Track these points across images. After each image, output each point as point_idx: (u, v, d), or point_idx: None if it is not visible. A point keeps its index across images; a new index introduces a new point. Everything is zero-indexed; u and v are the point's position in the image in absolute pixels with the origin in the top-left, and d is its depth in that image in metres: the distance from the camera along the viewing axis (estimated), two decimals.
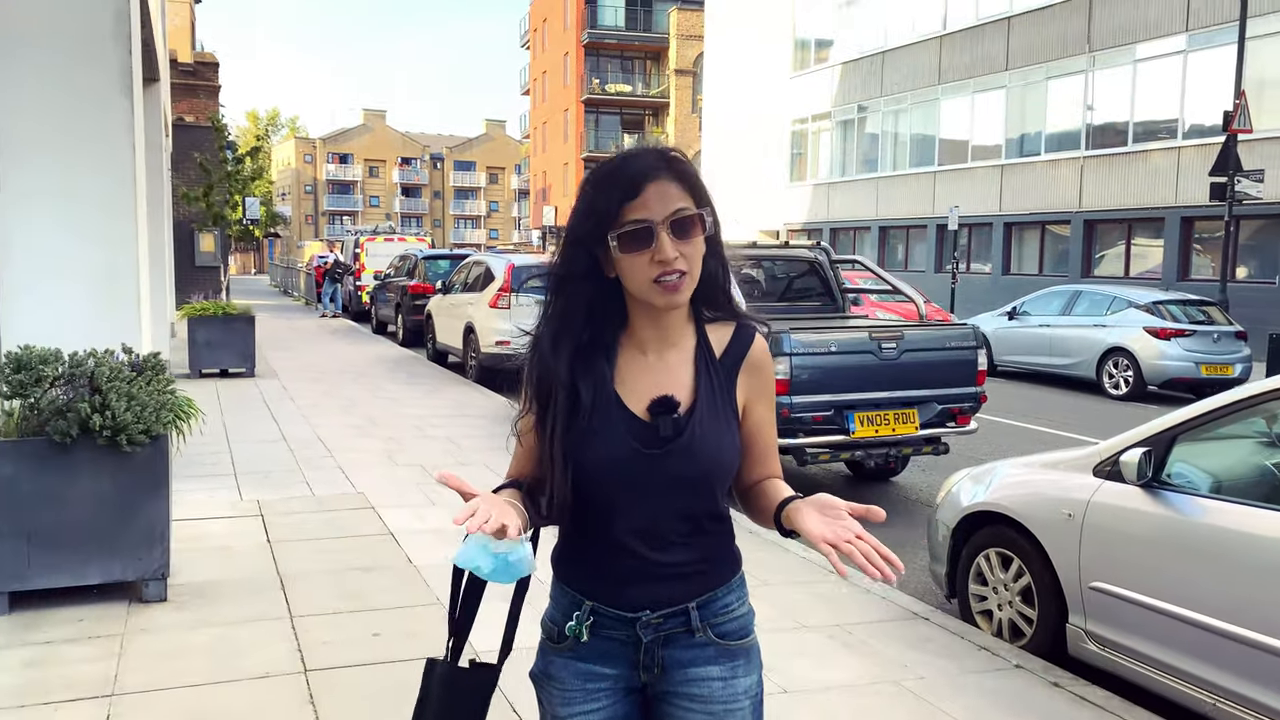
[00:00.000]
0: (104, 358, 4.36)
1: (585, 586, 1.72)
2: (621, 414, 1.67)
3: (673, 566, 1.69)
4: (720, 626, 1.73)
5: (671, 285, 1.61)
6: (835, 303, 8.70)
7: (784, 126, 32.62)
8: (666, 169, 1.63)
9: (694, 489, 1.68)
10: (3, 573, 4.22)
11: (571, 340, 1.68)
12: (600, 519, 1.68)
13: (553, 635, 1.75)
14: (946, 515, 4.88)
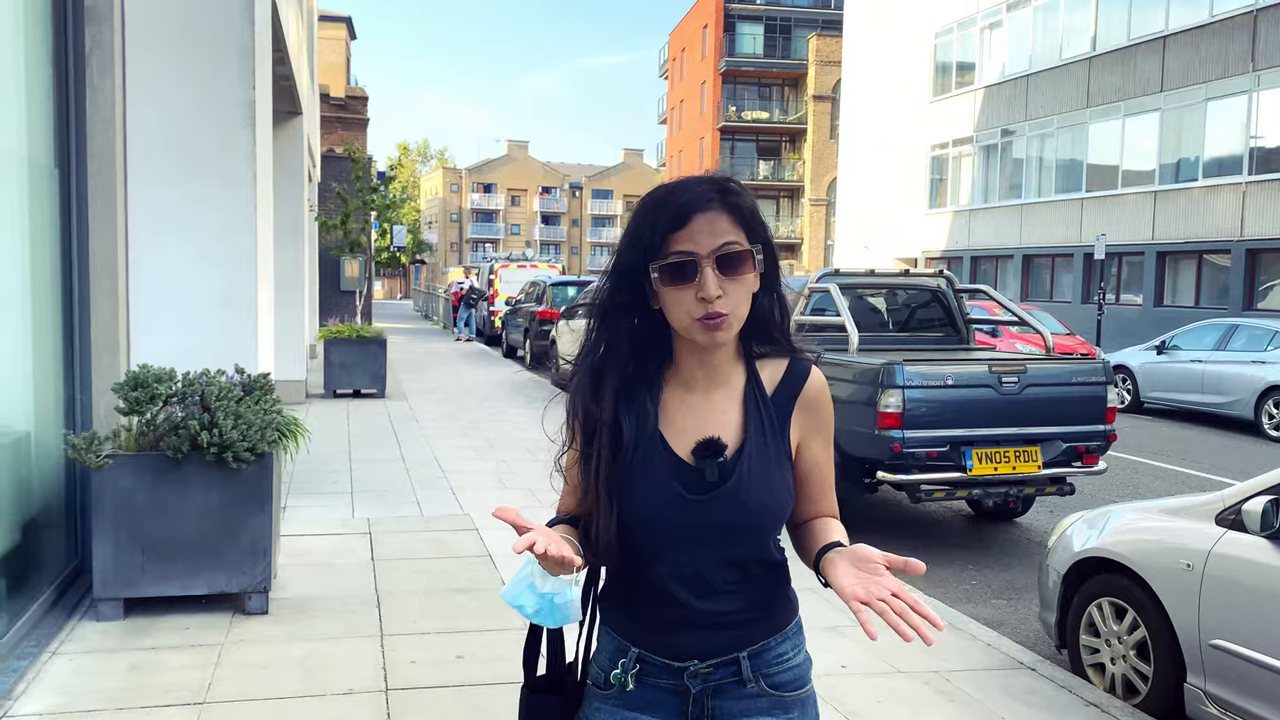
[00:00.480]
0: (214, 377, 4.57)
1: (631, 633, 1.64)
2: (665, 456, 1.59)
3: (721, 615, 1.60)
4: (774, 677, 1.64)
5: (714, 325, 1.53)
6: (959, 334, 8.40)
7: (923, 152, 31.90)
8: (719, 200, 1.55)
9: (742, 536, 1.59)
10: (119, 580, 4.44)
11: (616, 374, 1.62)
12: (644, 564, 1.60)
13: (599, 681, 1.67)
14: (1057, 560, 4.61)
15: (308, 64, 13.13)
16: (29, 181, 4.52)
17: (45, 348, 4.75)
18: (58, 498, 4.78)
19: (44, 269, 4.68)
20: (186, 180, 5.17)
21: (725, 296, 1.52)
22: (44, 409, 4.74)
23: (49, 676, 3.86)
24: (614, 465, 1.58)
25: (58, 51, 4.72)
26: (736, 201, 1.57)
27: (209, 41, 5.16)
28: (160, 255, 5.17)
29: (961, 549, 7.04)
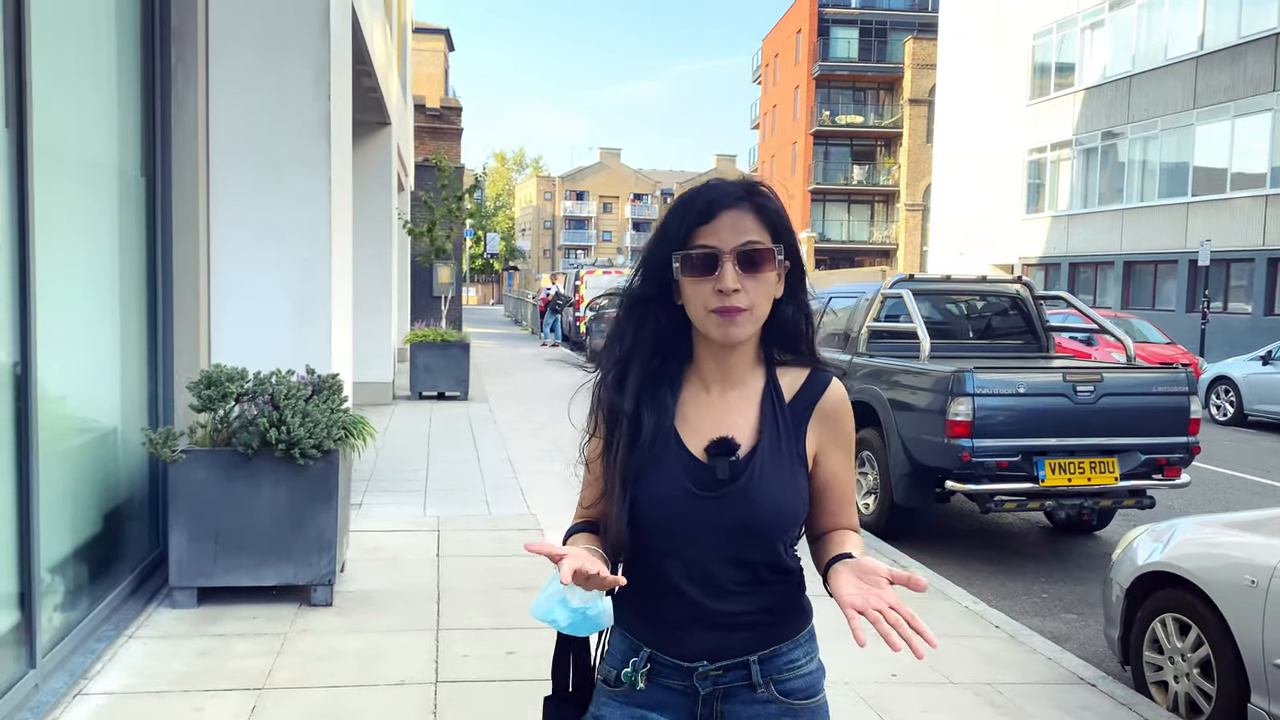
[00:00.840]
0: (284, 377, 4.76)
1: (642, 632, 1.65)
2: (678, 452, 1.60)
3: (730, 616, 1.60)
4: (785, 684, 1.64)
5: (729, 317, 1.54)
6: (1038, 342, 8.21)
7: (1020, 156, 31.13)
8: (747, 199, 1.58)
9: (749, 537, 1.59)
10: (193, 570, 4.66)
11: (640, 367, 1.64)
12: (656, 560, 1.61)
13: (609, 679, 1.68)
14: (1121, 574, 4.48)
15: (398, 76, 13.50)
16: (118, 190, 4.79)
17: (132, 347, 5.01)
18: (141, 490, 5.04)
19: (131, 273, 4.94)
20: (265, 189, 5.40)
21: (744, 292, 1.54)
22: (130, 406, 5.00)
23: (124, 658, 4.08)
24: (631, 456, 1.60)
25: (146, 67, 4.99)
26: (763, 203, 1.59)
27: (286, 56, 5.37)
28: (240, 260, 5.41)
29: (1035, 561, 6.88)
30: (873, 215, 53.69)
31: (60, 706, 3.60)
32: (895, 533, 7.01)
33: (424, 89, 37.79)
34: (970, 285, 8.39)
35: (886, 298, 7.80)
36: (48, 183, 3.85)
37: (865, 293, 8.15)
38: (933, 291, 8.31)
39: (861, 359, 7.64)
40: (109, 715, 3.57)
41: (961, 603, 5.42)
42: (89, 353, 4.54)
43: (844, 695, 4.07)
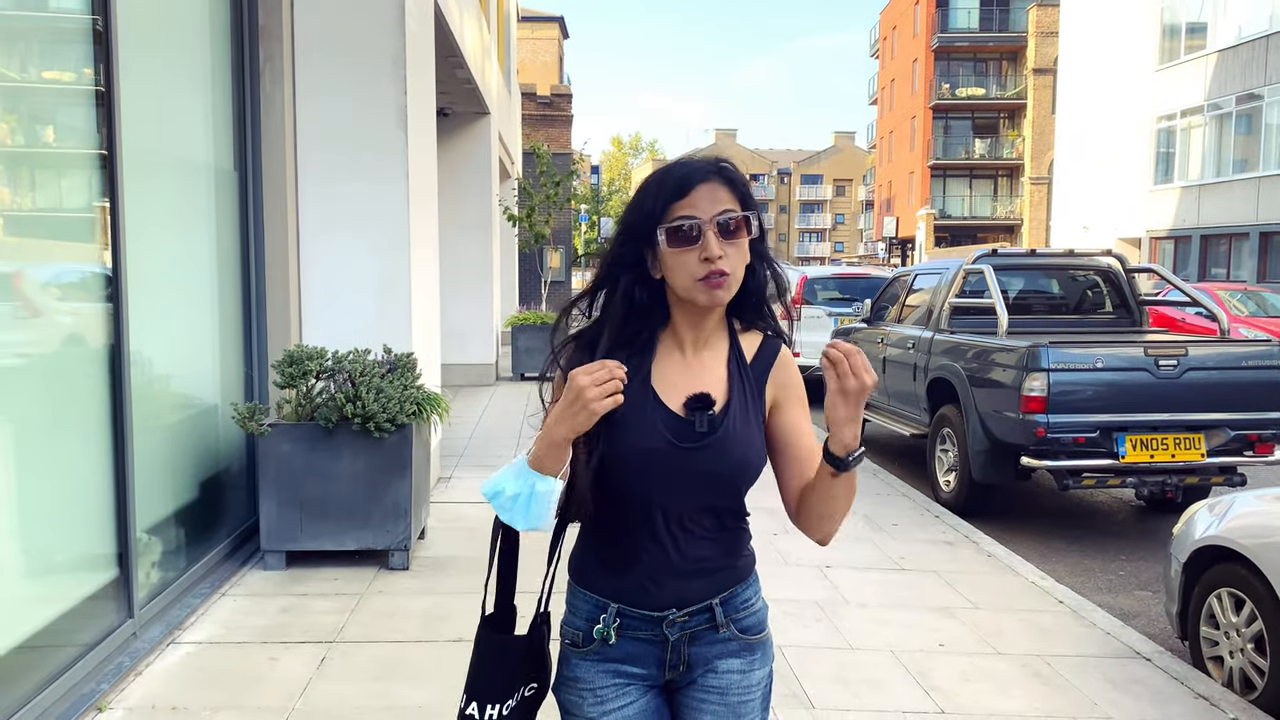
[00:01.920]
0: (360, 355, 5.08)
1: (611, 588, 1.74)
2: (658, 408, 1.70)
3: (697, 562, 1.73)
4: (741, 621, 1.78)
5: (715, 283, 1.64)
6: (1131, 316, 7.99)
7: (1147, 124, 29.73)
8: (717, 173, 1.68)
9: (722, 485, 1.71)
10: (282, 535, 5.04)
11: (611, 335, 1.73)
12: (628, 514, 1.71)
13: (577, 641, 1.77)
14: (1179, 549, 4.42)
15: (498, 66, 13.85)
16: (214, 185, 5.18)
17: (229, 330, 5.42)
18: (239, 462, 5.45)
19: (227, 262, 5.34)
20: (348, 178, 5.74)
21: (726, 258, 1.64)
22: (228, 384, 5.42)
23: (214, 612, 4.46)
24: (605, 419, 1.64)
25: (236, 66, 5.36)
26: (731, 175, 1.70)
27: (365, 51, 5.69)
28: (326, 246, 5.77)
29: (1118, 539, 6.74)
30: (996, 190, 52.04)
31: (155, 653, 3.98)
32: (975, 510, 6.97)
33: (536, 77, 38.39)
34: (1057, 260, 8.20)
35: (969, 274, 7.72)
36: (145, 181, 4.23)
37: (948, 269, 8.08)
38: (1018, 267, 8.17)
39: (942, 335, 7.59)
40: (194, 661, 3.94)
41: (1029, 578, 5.40)
42: (186, 336, 4.95)
43: (886, 661, 4.16)
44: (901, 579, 5.32)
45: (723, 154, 1.77)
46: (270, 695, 3.66)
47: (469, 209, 12.34)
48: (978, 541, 6.09)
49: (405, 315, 5.89)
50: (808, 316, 12.07)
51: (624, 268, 1.73)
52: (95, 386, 3.87)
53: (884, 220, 57.14)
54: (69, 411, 3.74)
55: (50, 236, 3.82)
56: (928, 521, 6.57)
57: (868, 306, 9.61)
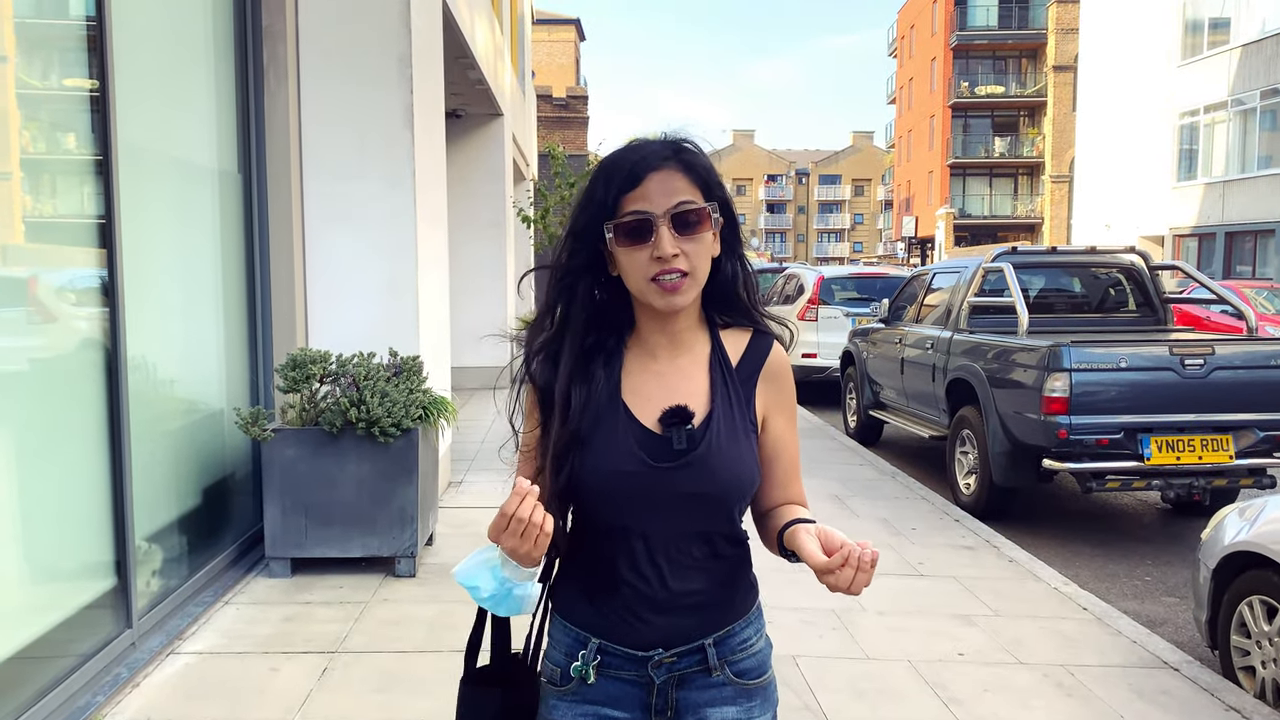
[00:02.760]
0: (365, 359, 4.99)
1: (591, 622, 1.56)
2: (629, 425, 1.52)
3: (687, 596, 1.54)
4: (738, 664, 1.58)
5: (670, 285, 1.47)
6: (1155, 314, 7.81)
7: (1170, 120, 29.39)
8: (674, 158, 1.50)
9: (710, 507, 1.53)
10: (286, 541, 4.95)
11: (574, 343, 1.55)
12: (607, 543, 1.54)
13: (554, 678, 1.59)
14: (1208, 554, 4.26)
15: (512, 68, 13.78)
16: (217, 187, 5.11)
17: (234, 334, 5.35)
18: (244, 469, 5.37)
19: (231, 264, 5.27)
20: (353, 178, 5.66)
21: (683, 256, 1.47)
22: (233, 389, 5.34)
23: (216, 621, 4.38)
24: (567, 440, 1.51)
25: (239, 67, 5.29)
26: (691, 160, 1.51)
27: (370, 51, 5.60)
28: (332, 248, 5.69)
29: (1144, 543, 6.57)
30: (1016, 188, 51.66)
31: (154, 663, 3.90)
32: (995, 513, 6.82)
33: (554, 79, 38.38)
34: (1078, 257, 8.04)
35: (988, 272, 7.57)
36: (143, 184, 4.16)
37: (967, 268, 7.93)
38: (1039, 265, 8.02)
39: (961, 335, 7.44)
40: (194, 672, 3.86)
41: (1051, 584, 5.25)
42: (187, 340, 4.87)
43: (903, 671, 4.03)
44: (920, 585, 5.19)
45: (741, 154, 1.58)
46: (269, 708, 3.57)
47: (482, 210, 12.26)
48: (999, 546, 5.94)
49: (413, 317, 5.81)
50: (825, 317, 11.92)
51: (578, 273, 1.55)
52: (91, 392, 3.79)
53: (903, 220, 56.83)
54: (64, 418, 3.66)
55: (43, 241, 3.75)
56: (947, 525, 6.42)
57: (885, 306, 9.46)
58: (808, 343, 11.86)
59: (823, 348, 11.68)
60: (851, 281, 12.40)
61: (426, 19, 6.27)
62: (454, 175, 11.83)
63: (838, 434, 9.89)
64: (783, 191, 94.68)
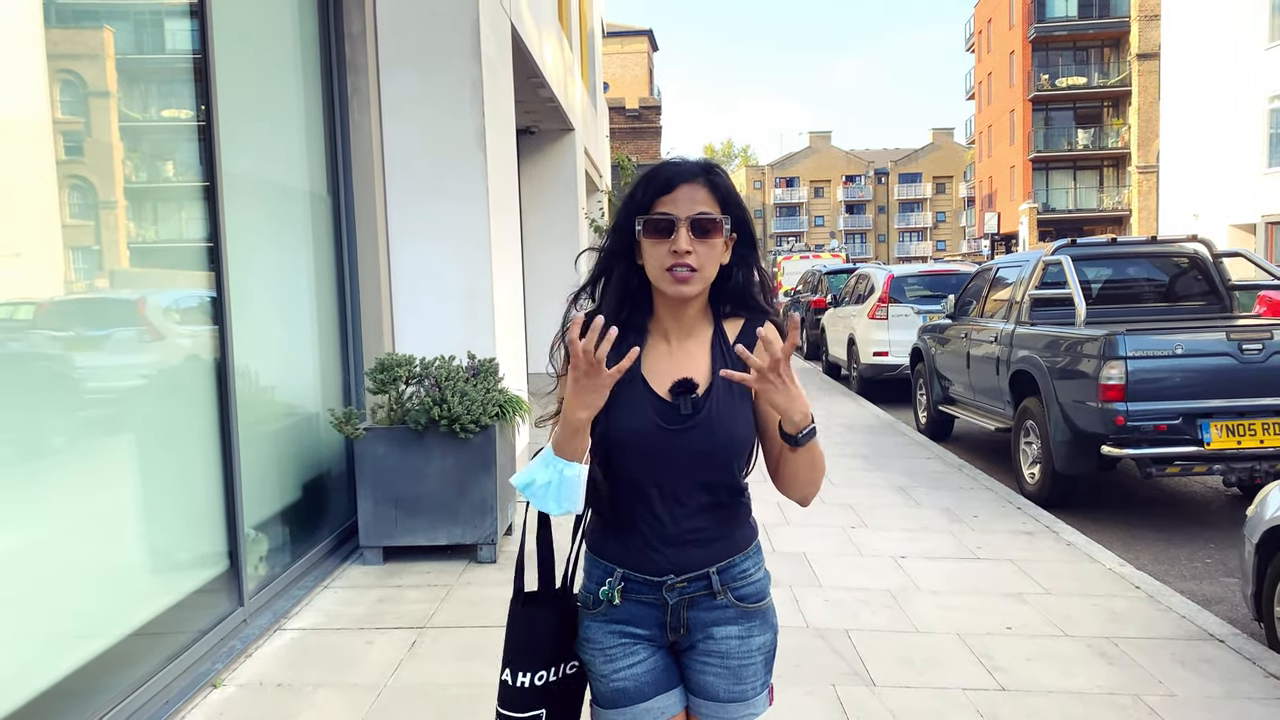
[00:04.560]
0: (445, 362, 5.40)
1: (615, 554, 1.89)
2: (646, 394, 1.83)
3: (694, 533, 1.85)
4: (739, 589, 1.90)
5: (680, 276, 1.78)
6: (1220, 302, 7.83)
7: (1259, 105, 28.53)
8: (702, 175, 1.82)
9: (711, 462, 1.83)
10: (378, 532, 5.39)
11: (610, 317, 1.80)
12: (627, 489, 1.85)
13: (588, 603, 1.93)
14: (1252, 530, 4.40)
15: (581, 83, 14.22)
16: (309, 208, 5.58)
17: (328, 342, 5.82)
18: (339, 466, 5.83)
19: (324, 278, 5.74)
20: (431, 198, 6.10)
21: (694, 254, 1.78)
22: (328, 391, 5.81)
23: (317, 602, 4.83)
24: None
25: (326, 98, 5.77)
26: (716, 180, 1.84)
27: (444, 78, 6.05)
28: (413, 261, 6.14)
29: (1208, 527, 6.63)
30: (1101, 181, 50.45)
31: (263, 638, 4.35)
32: (1059, 501, 6.94)
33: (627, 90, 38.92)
34: (1139, 248, 8.09)
35: (1048, 265, 7.68)
36: (245, 208, 4.63)
37: (1028, 261, 8.06)
38: (1099, 256, 8.09)
39: (1023, 328, 7.58)
40: (298, 645, 4.29)
41: (1107, 565, 5.40)
42: (286, 349, 5.34)
43: (951, 643, 4.26)
44: (976, 567, 5.39)
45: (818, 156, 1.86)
46: (365, 674, 3.97)
47: (556, 222, 12.72)
48: (1058, 531, 6.09)
49: (489, 323, 6.21)
50: (895, 315, 12.05)
51: (617, 257, 1.88)
52: (204, 399, 4.26)
53: (985, 216, 55.93)
54: (181, 423, 4.12)
55: (159, 264, 4.22)
56: (1009, 513, 6.58)
57: (951, 302, 9.60)
58: (879, 341, 12.02)
59: (893, 345, 11.83)
60: (921, 279, 12.51)
61: (496, 45, 6.69)
62: (528, 189, 12.32)
63: (908, 430, 10.04)
64: (861, 192, 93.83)
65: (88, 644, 3.38)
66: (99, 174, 3.68)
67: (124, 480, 3.72)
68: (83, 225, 3.59)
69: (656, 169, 1.86)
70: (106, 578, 3.59)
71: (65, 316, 3.47)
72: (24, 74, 3.26)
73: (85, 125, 3.64)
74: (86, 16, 3.73)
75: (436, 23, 6.08)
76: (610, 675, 1.90)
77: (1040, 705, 3.67)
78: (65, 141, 3.50)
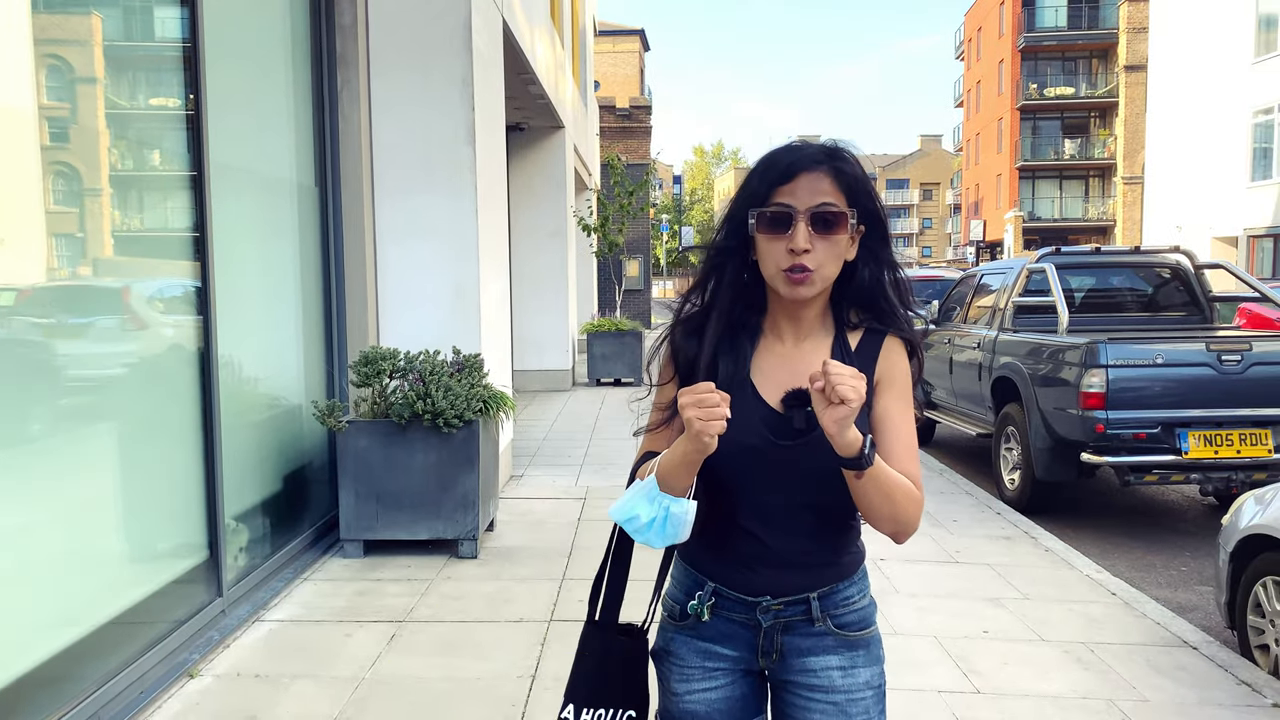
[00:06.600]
0: (430, 356, 5.40)
1: (709, 568, 1.73)
2: (756, 402, 1.66)
3: (795, 555, 1.69)
4: (840, 617, 1.72)
5: (797, 278, 1.60)
6: (1201, 312, 7.90)
7: (1244, 119, 28.76)
8: (826, 163, 1.62)
9: (821, 483, 1.63)
10: (359, 525, 5.38)
11: (721, 318, 1.69)
12: (727, 502, 1.68)
13: (674, 614, 1.76)
14: (1226, 539, 4.45)
15: (572, 81, 14.23)
16: (297, 200, 5.57)
17: (312, 334, 5.81)
18: (321, 458, 5.82)
19: (309, 271, 5.72)
20: (420, 192, 6.10)
21: (813, 253, 1.59)
22: (311, 384, 5.80)
23: (296, 595, 4.82)
24: None
25: (315, 91, 5.76)
26: (842, 166, 1.63)
27: (434, 73, 6.04)
28: (400, 255, 6.13)
29: (1185, 536, 6.69)
30: (1087, 191, 50.78)
31: (241, 629, 4.34)
32: (1039, 507, 7.00)
33: (618, 89, 38.89)
34: (1122, 258, 8.16)
35: (1032, 273, 7.74)
36: (232, 198, 4.62)
37: (1012, 269, 8.11)
38: (1083, 265, 8.15)
39: (1006, 334, 7.63)
40: (277, 637, 4.29)
41: (1084, 571, 5.44)
42: (271, 340, 5.33)
43: (928, 645, 4.29)
44: (955, 571, 5.42)
45: None
46: (344, 666, 3.97)
47: (545, 220, 12.72)
48: (1036, 537, 6.14)
49: (475, 319, 6.21)
50: None
51: (730, 254, 1.69)
52: (187, 389, 4.24)
53: (971, 224, 56.20)
54: (164, 412, 4.11)
55: (144, 254, 4.21)
56: (988, 518, 6.63)
57: (935, 308, 9.65)
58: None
59: None
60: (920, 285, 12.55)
61: (487, 40, 6.69)
62: (517, 186, 12.31)
63: None
64: None
65: (64, 632, 3.37)
66: (85, 161, 3.67)
67: (104, 469, 3.70)
68: (67, 212, 3.58)
69: (776, 154, 1.66)
70: (84, 566, 3.58)
71: (48, 304, 3.46)
72: (10, 59, 3.24)
73: (72, 112, 3.62)
74: (75, 2, 3.72)
75: (428, 16, 6.07)
76: (683, 694, 1.75)
77: (1015, 709, 3.70)
78: (51, 128, 3.49)
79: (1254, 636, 4.26)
